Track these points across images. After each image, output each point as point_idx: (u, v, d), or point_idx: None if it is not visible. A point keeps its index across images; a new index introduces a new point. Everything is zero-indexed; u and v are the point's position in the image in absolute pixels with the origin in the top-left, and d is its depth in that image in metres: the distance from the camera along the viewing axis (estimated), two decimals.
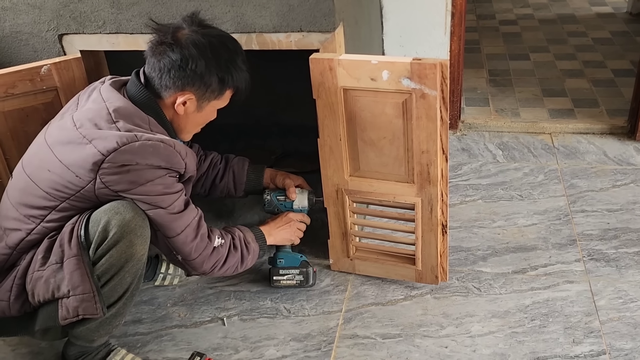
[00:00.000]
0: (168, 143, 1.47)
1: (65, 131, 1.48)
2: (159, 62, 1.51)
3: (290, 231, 1.87)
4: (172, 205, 1.50)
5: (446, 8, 2.50)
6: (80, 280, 1.43)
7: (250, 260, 1.73)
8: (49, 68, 1.78)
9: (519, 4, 4.42)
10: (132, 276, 1.48)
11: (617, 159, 2.50)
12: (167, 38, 1.50)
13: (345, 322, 1.81)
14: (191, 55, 1.48)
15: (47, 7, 1.80)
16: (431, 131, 1.64)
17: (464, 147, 2.65)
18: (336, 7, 1.68)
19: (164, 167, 1.47)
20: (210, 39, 1.52)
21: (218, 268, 1.64)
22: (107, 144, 1.40)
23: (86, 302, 1.44)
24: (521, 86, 3.13)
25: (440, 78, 1.56)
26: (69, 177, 1.43)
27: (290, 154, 2.61)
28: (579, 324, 1.74)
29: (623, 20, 3.96)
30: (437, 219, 1.78)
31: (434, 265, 1.87)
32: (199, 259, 1.58)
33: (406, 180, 1.76)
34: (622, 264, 1.95)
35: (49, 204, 1.48)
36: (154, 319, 1.85)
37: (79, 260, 1.43)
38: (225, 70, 1.54)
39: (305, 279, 1.87)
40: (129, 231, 1.42)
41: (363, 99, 1.67)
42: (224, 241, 1.64)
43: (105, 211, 1.43)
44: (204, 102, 1.57)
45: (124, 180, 1.42)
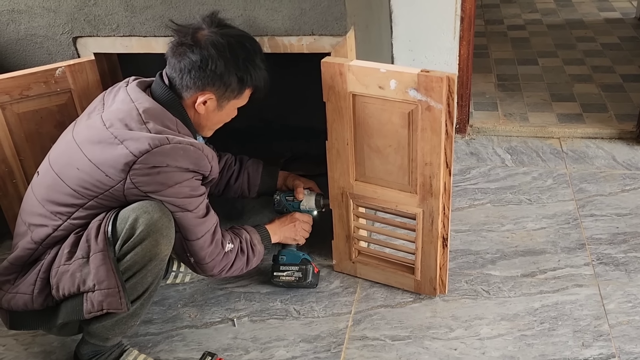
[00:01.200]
0: (197, 146, 1.51)
1: (95, 130, 1.50)
2: (179, 63, 1.54)
3: (294, 230, 1.89)
4: (197, 208, 1.54)
5: (455, 13, 2.51)
6: (105, 275, 1.45)
7: (255, 262, 1.75)
8: (63, 70, 1.81)
9: (527, 9, 4.42)
10: (153, 276, 1.50)
11: (626, 164, 2.51)
12: (187, 39, 1.53)
13: (354, 324, 1.81)
14: (210, 55, 1.51)
15: (62, 10, 1.83)
16: (435, 144, 1.64)
17: (472, 151, 2.66)
18: (348, 11, 1.70)
19: (192, 169, 1.50)
20: (229, 39, 1.54)
21: (225, 271, 1.67)
22: (140, 146, 1.42)
23: (111, 297, 1.46)
24: (530, 91, 3.14)
25: (447, 92, 1.56)
26: (98, 176, 1.45)
27: (299, 156, 2.62)
28: (588, 328, 1.74)
29: (631, 26, 3.96)
30: (437, 232, 1.78)
31: (433, 277, 1.86)
32: (211, 263, 1.62)
33: (409, 190, 1.77)
34: (632, 268, 1.95)
35: (76, 201, 1.50)
36: (165, 320, 1.87)
37: (105, 255, 1.45)
38: (244, 70, 1.57)
39: (304, 276, 1.88)
40: (156, 230, 1.45)
41: (371, 105, 1.68)
42: (233, 246, 1.67)
43: (134, 209, 1.45)
44: (224, 101, 1.60)
45: (154, 181, 1.45)
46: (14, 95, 1.78)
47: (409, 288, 1.92)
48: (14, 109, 1.80)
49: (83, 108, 1.86)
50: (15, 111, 1.80)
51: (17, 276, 1.57)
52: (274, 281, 1.91)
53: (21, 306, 1.54)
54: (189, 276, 2.00)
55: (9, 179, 1.89)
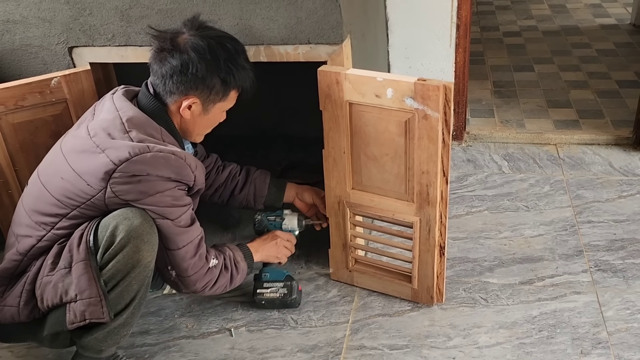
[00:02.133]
0: (179, 155, 1.49)
1: (80, 140, 1.51)
2: (160, 69, 1.52)
3: (276, 249, 1.86)
4: (179, 218, 1.52)
5: (451, 20, 2.52)
6: (87, 284, 1.44)
7: (238, 280, 1.73)
8: (58, 80, 1.80)
9: (522, 15, 4.44)
10: (139, 283, 1.49)
11: (622, 170, 2.51)
12: (166, 44, 1.51)
13: (352, 333, 1.81)
14: (191, 59, 1.49)
15: (58, 20, 1.83)
16: (432, 152, 1.64)
17: (469, 158, 2.66)
18: (344, 19, 1.70)
19: (174, 179, 1.49)
20: (209, 41, 1.52)
21: (209, 288, 1.65)
22: (120, 154, 1.42)
23: (93, 306, 1.45)
24: (526, 97, 3.14)
25: (444, 100, 1.56)
26: (80, 185, 1.45)
27: (296, 165, 2.62)
28: (587, 335, 1.74)
29: (627, 32, 3.97)
30: (434, 240, 1.77)
31: (430, 285, 1.85)
32: (193, 277, 1.59)
33: (406, 198, 1.76)
34: (630, 274, 1.95)
35: (59, 211, 1.50)
36: (162, 330, 1.86)
37: (87, 264, 1.45)
38: (227, 71, 1.54)
39: (289, 292, 1.84)
40: (136, 237, 1.43)
41: (368, 114, 1.68)
42: (217, 262, 1.65)
43: (114, 216, 1.45)
44: (209, 104, 1.59)
45: (134, 190, 1.44)
46: (9, 105, 1.77)
47: (406, 297, 1.91)
48: (9, 119, 1.79)
49: (78, 118, 1.85)
50: (10, 121, 1.79)
51: (5, 289, 1.56)
52: (257, 299, 1.86)
53: (8, 319, 1.53)
54: None
55: (4, 190, 1.88)
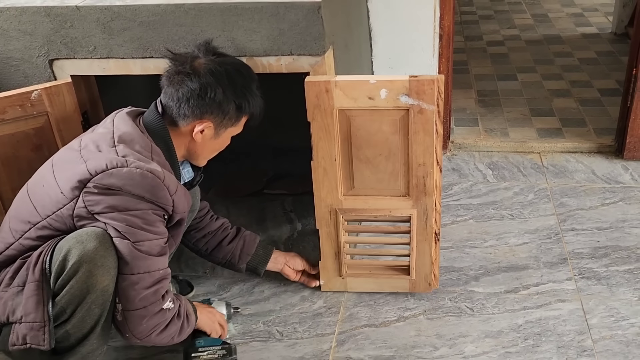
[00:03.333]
0: (157, 175, 1.44)
1: (70, 151, 1.51)
2: (177, 92, 1.53)
3: (213, 320, 1.75)
4: (142, 242, 1.43)
5: (434, 30, 2.53)
6: (34, 307, 1.40)
7: (186, 333, 1.62)
8: (39, 93, 1.78)
9: (505, 25, 4.48)
10: (100, 308, 1.43)
11: (605, 178, 2.53)
12: (185, 67, 1.53)
13: (338, 345, 1.80)
14: (209, 83, 1.52)
15: (38, 33, 1.81)
16: (428, 144, 1.70)
17: (454, 167, 2.67)
18: (326, 31, 1.70)
19: (148, 199, 1.43)
20: (227, 67, 1.56)
21: (157, 333, 1.51)
22: (97, 164, 1.41)
23: (35, 331, 1.40)
24: (510, 106, 3.16)
25: (437, 93, 1.62)
26: (55, 193, 1.44)
27: (282, 176, 2.61)
28: (572, 343, 1.74)
29: (608, 40, 4.02)
30: (431, 228, 1.82)
31: (427, 273, 1.89)
32: (141, 311, 1.46)
33: (402, 193, 1.80)
34: (613, 282, 1.96)
35: (32, 219, 1.47)
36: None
37: (38, 286, 1.40)
38: (242, 97, 1.58)
39: (228, 352, 1.70)
40: (88, 261, 1.38)
41: (359, 118, 1.70)
42: (173, 306, 1.53)
43: (68, 240, 1.40)
44: (221, 129, 1.60)
45: (105, 202, 1.40)
46: None
47: (403, 290, 1.94)
48: None
49: (60, 131, 1.84)
50: None
51: None
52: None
53: None
54: None
55: None
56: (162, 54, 1.67)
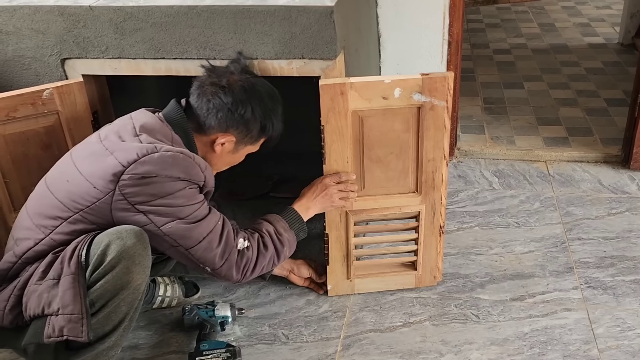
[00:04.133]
0: (187, 154, 1.50)
1: (90, 145, 1.54)
2: (208, 102, 1.59)
3: (329, 198, 1.77)
4: (192, 214, 1.49)
5: (443, 37, 2.54)
6: (72, 299, 1.41)
7: (288, 251, 1.69)
8: (51, 92, 1.79)
9: (512, 33, 4.49)
10: (127, 306, 1.45)
11: (611, 187, 2.53)
12: (221, 81, 1.59)
13: (343, 349, 1.80)
14: (242, 100, 1.59)
15: (51, 32, 1.82)
16: (438, 139, 1.76)
17: (460, 174, 2.67)
18: (338, 35, 1.71)
19: (184, 178, 1.48)
20: (259, 88, 1.63)
21: (250, 271, 1.59)
22: (127, 155, 1.43)
23: (73, 323, 1.41)
24: (516, 114, 3.17)
25: (447, 89, 1.68)
26: (86, 187, 1.45)
27: (287, 179, 2.61)
28: (578, 352, 1.74)
29: (614, 51, 4.03)
30: (438, 222, 1.88)
31: (433, 266, 1.95)
32: (225, 265, 1.54)
33: (411, 190, 1.85)
34: (620, 291, 1.96)
35: (62, 214, 1.48)
36: (152, 345, 1.83)
37: (75, 279, 1.42)
38: (268, 119, 1.64)
39: (233, 355, 1.71)
40: (128, 257, 1.41)
41: (372, 118, 1.73)
42: (249, 244, 1.59)
43: (108, 234, 1.43)
44: (240, 145, 1.67)
45: (144, 192, 1.43)
46: (0, 116, 1.76)
47: (410, 285, 1.99)
48: (0, 130, 1.78)
49: (71, 130, 1.85)
50: (2, 133, 1.77)
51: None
52: None
53: None
54: (175, 300, 1.97)
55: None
56: (201, 65, 1.72)
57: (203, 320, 1.83)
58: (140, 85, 2.24)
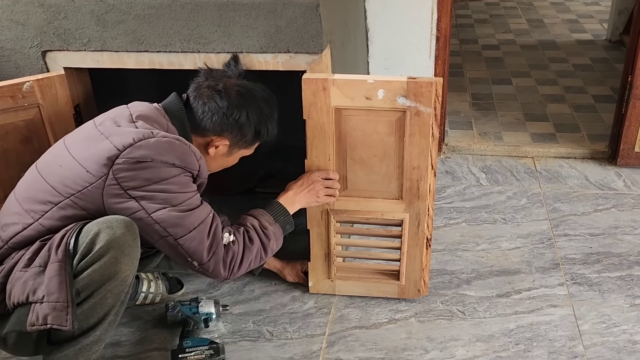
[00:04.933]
0: (183, 142, 1.49)
1: (85, 130, 1.53)
2: (204, 105, 1.58)
3: (315, 193, 1.76)
4: (184, 202, 1.47)
5: (431, 32, 2.53)
6: (57, 287, 1.38)
7: (275, 244, 1.66)
8: (31, 85, 1.76)
9: (500, 29, 4.49)
10: (114, 297, 1.43)
11: (598, 184, 2.53)
12: (218, 85, 1.58)
13: (328, 346, 1.78)
14: (237, 105, 1.57)
15: (31, 23, 1.78)
16: (423, 147, 1.68)
17: (447, 170, 2.66)
18: (324, 29, 1.69)
19: (178, 165, 1.46)
20: (257, 94, 1.62)
21: (237, 267, 1.56)
22: (123, 140, 1.42)
23: (57, 311, 1.38)
24: (504, 110, 3.16)
25: (435, 96, 1.61)
26: (79, 171, 1.43)
27: (273, 174, 2.59)
28: (563, 349, 1.74)
29: (602, 47, 4.04)
30: (423, 233, 1.81)
31: (417, 279, 1.88)
32: (212, 260, 1.52)
33: (395, 197, 1.78)
34: (605, 288, 1.96)
35: (52, 199, 1.45)
36: (134, 342, 1.81)
37: (62, 267, 1.39)
38: (263, 125, 1.63)
39: (216, 352, 1.69)
40: (117, 247, 1.39)
41: (355, 118, 1.69)
42: (234, 238, 1.57)
43: (98, 223, 1.40)
44: (234, 149, 1.66)
45: (139, 177, 1.41)
46: None
47: (392, 295, 1.92)
48: None
49: (52, 124, 1.82)
50: None
51: None
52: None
53: None
54: (159, 297, 1.95)
55: None
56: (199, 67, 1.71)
57: (186, 317, 1.81)
58: (124, 79, 2.20)
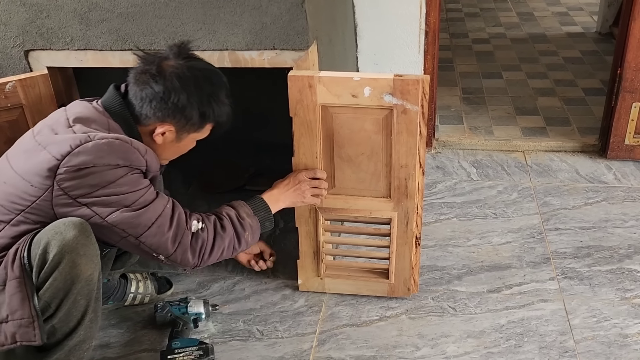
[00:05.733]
0: (124, 140, 1.43)
1: (24, 141, 1.47)
2: (141, 92, 1.49)
3: (301, 192, 1.73)
4: (137, 201, 1.43)
5: (420, 27, 2.51)
6: (19, 304, 1.36)
7: (250, 237, 1.61)
8: (14, 85, 1.74)
9: (491, 23, 4.47)
10: (86, 298, 1.41)
11: (589, 177, 2.53)
12: (151, 68, 1.48)
13: (319, 344, 1.77)
14: (174, 88, 1.47)
15: (13, 22, 1.76)
16: (411, 146, 1.66)
17: (438, 165, 2.65)
18: (310, 25, 1.67)
19: (123, 165, 1.41)
20: (195, 73, 1.50)
21: (207, 255, 1.53)
22: (60, 148, 1.37)
23: (24, 328, 1.36)
24: (494, 104, 3.15)
25: (422, 94, 1.59)
26: (23, 186, 1.39)
27: (263, 172, 2.58)
28: (554, 344, 1.73)
29: (593, 40, 4.03)
30: (412, 232, 1.79)
31: (407, 277, 1.87)
32: (179, 250, 1.48)
33: (383, 195, 1.77)
34: (596, 282, 1.96)
35: (3, 217, 1.42)
36: (123, 343, 1.80)
37: (20, 282, 1.36)
38: (207, 105, 1.52)
39: (205, 352, 1.68)
40: (70, 251, 1.35)
41: (342, 115, 1.67)
42: (203, 225, 1.53)
43: (46, 232, 1.37)
44: (183, 133, 1.55)
45: (84, 184, 1.37)
46: None
47: (382, 294, 1.91)
48: None
49: (35, 124, 1.79)
50: None
51: None
52: None
53: None
54: (148, 297, 1.93)
55: None
56: (133, 52, 1.62)
57: (175, 317, 1.80)
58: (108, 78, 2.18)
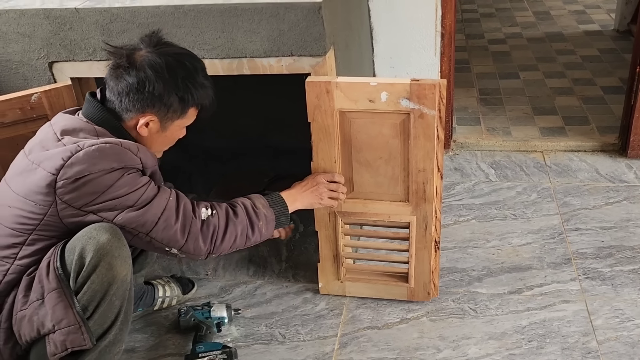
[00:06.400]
0: (113, 142, 1.43)
1: (18, 163, 1.49)
2: (117, 86, 1.48)
3: (318, 194, 1.73)
4: (139, 200, 1.44)
5: (435, 29, 2.52)
6: (63, 312, 1.39)
7: (264, 228, 1.61)
8: (39, 96, 1.78)
9: (507, 22, 4.46)
10: (120, 299, 1.44)
11: (609, 176, 2.51)
12: (122, 61, 1.47)
13: (341, 347, 1.79)
14: (147, 77, 1.46)
15: (37, 35, 1.80)
16: (429, 150, 1.67)
17: (456, 167, 2.65)
18: (327, 31, 1.69)
19: (117, 167, 1.42)
20: (167, 58, 1.48)
21: (220, 241, 1.53)
22: (54, 163, 1.39)
23: (73, 334, 1.40)
24: (512, 105, 3.14)
25: (439, 98, 1.60)
26: (27, 207, 1.41)
27: (283, 177, 2.60)
28: (577, 345, 1.73)
29: (610, 38, 4.00)
30: (431, 236, 1.80)
31: (427, 282, 1.87)
32: (189, 239, 1.49)
33: (401, 199, 1.77)
34: (618, 282, 1.95)
35: (17, 240, 1.45)
36: (148, 347, 1.83)
37: (60, 292, 1.40)
38: (185, 89, 1.50)
39: (229, 356, 1.70)
40: (105, 253, 1.38)
41: (359, 120, 1.69)
42: (215, 212, 1.53)
43: (79, 238, 1.40)
44: (167, 122, 1.54)
45: (84, 193, 1.39)
46: None
47: (402, 297, 1.92)
48: None
49: None
50: None
51: None
52: None
53: None
54: (175, 299, 1.97)
55: None
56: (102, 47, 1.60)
57: (199, 322, 1.82)
58: None
